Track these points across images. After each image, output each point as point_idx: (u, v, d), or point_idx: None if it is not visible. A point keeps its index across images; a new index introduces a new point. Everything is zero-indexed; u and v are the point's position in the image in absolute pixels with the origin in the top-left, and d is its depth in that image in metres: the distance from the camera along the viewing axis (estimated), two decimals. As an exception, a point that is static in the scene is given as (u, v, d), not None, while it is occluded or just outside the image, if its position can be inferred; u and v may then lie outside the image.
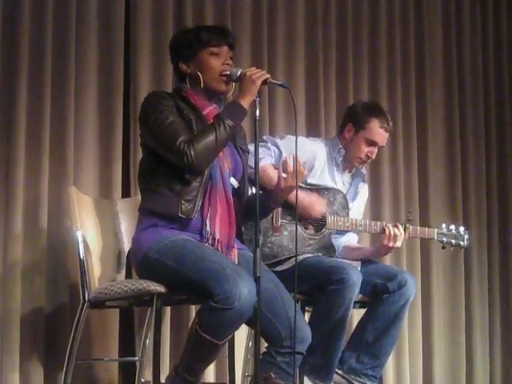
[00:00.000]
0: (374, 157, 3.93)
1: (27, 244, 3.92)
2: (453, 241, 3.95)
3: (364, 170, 4.07)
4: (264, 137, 3.86)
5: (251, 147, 3.48)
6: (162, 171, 3.18)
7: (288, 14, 4.83)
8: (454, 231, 3.96)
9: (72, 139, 4.07)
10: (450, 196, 5.32)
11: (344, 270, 3.52)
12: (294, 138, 3.81)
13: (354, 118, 3.95)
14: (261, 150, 3.54)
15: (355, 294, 3.54)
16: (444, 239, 3.93)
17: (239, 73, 3.17)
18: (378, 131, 3.90)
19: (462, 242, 3.97)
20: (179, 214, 3.13)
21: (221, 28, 3.37)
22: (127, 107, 4.26)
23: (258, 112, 3.03)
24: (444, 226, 3.96)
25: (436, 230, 3.95)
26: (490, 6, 5.60)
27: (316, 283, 3.52)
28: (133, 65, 4.32)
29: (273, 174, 3.56)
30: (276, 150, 3.80)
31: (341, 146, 3.93)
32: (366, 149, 3.90)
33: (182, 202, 3.14)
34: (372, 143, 3.90)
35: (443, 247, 3.97)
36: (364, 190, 4.07)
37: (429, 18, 5.35)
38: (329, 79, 4.92)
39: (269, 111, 4.66)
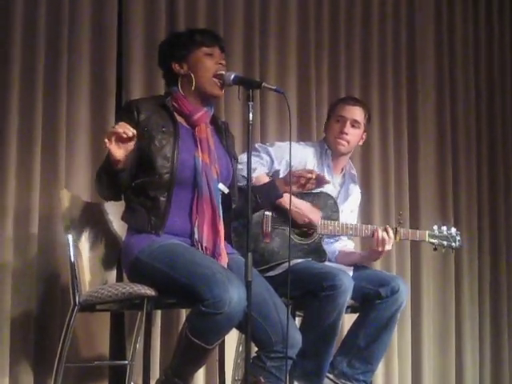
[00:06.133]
0: (347, 132, 3.89)
1: (18, 246, 3.91)
2: (444, 242, 3.93)
3: (355, 172, 4.07)
4: (256, 145, 3.87)
5: (243, 156, 3.49)
6: (135, 186, 3.21)
7: (280, 17, 4.83)
8: (445, 232, 3.94)
9: (64, 142, 4.06)
10: (441, 200, 5.33)
11: (336, 276, 3.52)
12: (283, 144, 3.88)
13: (327, 114, 4.06)
14: (253, 159, 3.54)
15: (347, 300, 3.54)
16: (435, 241, 3.91)
17: (232, 76, 3.18)
18: (343, 107, 3.94)
19: (453, 244, 3.95)
20: (149, 230, 3.16)
21: (212, 31, 3.42)
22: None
23: (251, 116, 3.02)
24: (436, 227, 3.94)
25: (427, 232, 3.93)
26: (481, 6, 5.62)
27: (308, 289, 3.51)
28: (125, 70, 4.31)
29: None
30: (268, 158, 3.83)
31: (327, 147, 3.94)
32: (336, 125, 3.92)
33: (152, 218, 3.17)
34: (340, 118, 3.92)
35: (435, 249, 3.95)
36: (355, 191, 4.06)
37: (421, 32, 5.37)
38: (321, 83, 4.93)
39: (260, 115, 4.67)
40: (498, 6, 5.68)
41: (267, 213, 3.72)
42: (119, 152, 2.98)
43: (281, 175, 3.81)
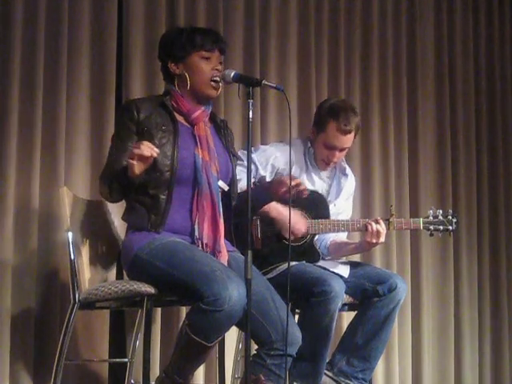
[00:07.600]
0: (336, 160, 3.84)
1: (18, 244, 3.91)
2: (440, 227, 3.86)
3: (345, 163, 4.00)
4: (239, 152, 3.68)
5: (238, 168, 3.49)
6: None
7: (280, 14, 4.83)
8: (440, 217, 3.86)
9: (64, 140, 4.07)
10: (440, 192, 5.32)
11: (326, 281, 3.52)
12: (267, 148, 3.88)
13: (316, 120, 3.91)
14: (238, 168, 3.52)
15: (339, 305, 3.54)
16: (431, 227, 3.85)
17: (232, 74, 3.17)
18: (335, 135, 3.80)
19: (450, 227, 3.87)
20: (149, 228, 3.16)
21: (214, 32, 3.37)
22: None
23: (251, 114, 3.02)
24: (431, 212, 3.87)
25: (422, 219, 3.86)
26: (481, 11, 5.62)
27: (300, 294, 3.50)
28: (125, 67, 4.31)
29: None
30: (252, 166, 3.77)
31: (309, 146, 3.89)
32: (325, 152, 3.84)
33: (151, 216, 3.17)
34: (330, 147, 3.82)
35: (431, 234, 3.89)
36: (348, 183, 4.00)
37: (422, 27, 5.36)
38: (321, 80, 4.93)
39: (260, 113, 4.66)
40: (498, 8, 5.68)
41: (255, 217, 3.68)
42: (139, 168, 3.00)
43: (267, 180, 3.76)
